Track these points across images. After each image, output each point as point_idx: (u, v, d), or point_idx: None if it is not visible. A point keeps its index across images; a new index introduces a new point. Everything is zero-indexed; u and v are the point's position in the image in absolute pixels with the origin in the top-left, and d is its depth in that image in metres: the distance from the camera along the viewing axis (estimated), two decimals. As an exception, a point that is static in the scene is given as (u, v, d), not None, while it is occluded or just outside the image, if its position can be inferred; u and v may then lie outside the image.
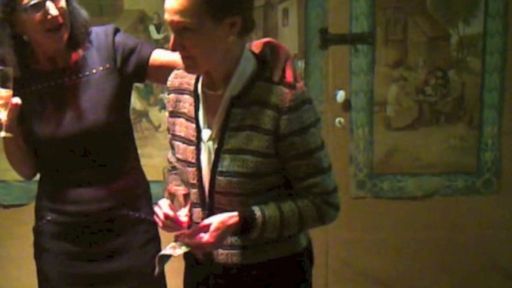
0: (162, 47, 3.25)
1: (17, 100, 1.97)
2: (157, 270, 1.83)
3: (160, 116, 3.36)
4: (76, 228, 2.18)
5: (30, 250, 2.33)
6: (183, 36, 1.70)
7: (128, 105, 2.21)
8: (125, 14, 3.35)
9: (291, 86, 1.77)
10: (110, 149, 2.16)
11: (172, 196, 1.79)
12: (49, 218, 2.20)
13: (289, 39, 3.33)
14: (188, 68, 1.78)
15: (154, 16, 3.36)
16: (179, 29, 1.70)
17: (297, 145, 1.78)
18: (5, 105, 1.96)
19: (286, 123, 1.75)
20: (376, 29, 3.35)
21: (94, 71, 2.11)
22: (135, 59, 2.14)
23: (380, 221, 3.52)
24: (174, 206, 1.79)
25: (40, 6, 1.98)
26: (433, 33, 3.38)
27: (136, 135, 2.38)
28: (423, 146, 3.46)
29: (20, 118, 2.04)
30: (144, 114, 3.41)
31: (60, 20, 2.01)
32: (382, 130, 3.45)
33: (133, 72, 2.15)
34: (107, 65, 2.11)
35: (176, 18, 1.68)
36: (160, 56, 2.15)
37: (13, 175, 2.39)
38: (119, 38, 2.15)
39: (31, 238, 2.31)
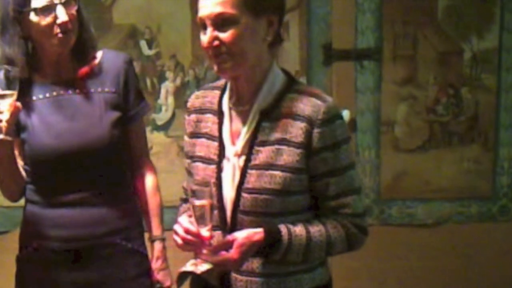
0: (153, 63, 3.29)
1: (18, 103, 1.99)
2: None
3: (152, 138, 3.28)
4: (65, 255, 2.15)
5: (13, 280, 2.29)
6: (222, 30, 1.72)
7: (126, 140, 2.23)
8: (114, 28, 3.31)
9: (324, 99, 1.78)
10: (110, 171, 2.16)
11: (195, 209, 1.76)
12: (35, 245, 2.18)
13: (290, 54, 3.30)
14: (222, 68, 1.76)
15: (146, 31, 3.34)
16: (219, 22, 1.72)
17: (328, 161, 1.77)
18: (9, 107, 1.96)
19: (318, 137, 1.75)
20: (383, 44, 3.33)
21: (99, 89, 2.14)
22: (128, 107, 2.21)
23: (388, 250, 3.45)
24: (196, 221, 1.76)
25: (51, 9, 2.03)
26: (444, 48, 3.35)
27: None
28: (434, 169, 3.42)
29: (16, 129, 2.06)
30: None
31: (69, 26, 2.05)
32: (390, 152, 3.41)
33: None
34: (114, 89, 2.16)
35: (218, 9, 1.71)
36: (138, 131, 2.25)
37: None
38: (132, 74, 2.21)
39: (14, 267, 2.27)
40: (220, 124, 1.86)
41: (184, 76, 3.36)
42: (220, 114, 1.87)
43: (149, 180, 2.26)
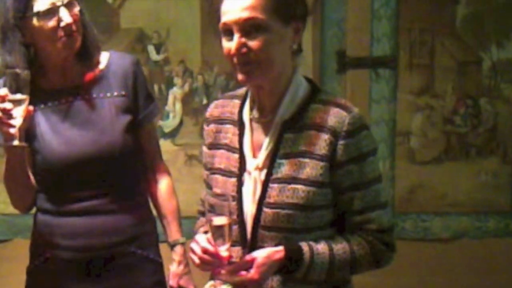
0: (161, 69, 3.33)
1: (31, 108, 1.97)
2: None
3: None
4: (78, 265, 2.13)
5: (14, 289, 2.27)
6: (250, 36, 1.69)
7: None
8: (122, 33, 3.33)
9: (349, 109, 1.75)
10: (123, 178, 2.14)
11: (213, 228, 1.73)
12: (47, 255, 2.15)
13: (302, 62, 3.16)
14: (248, 77, 1.73)
15: (154, 35, 3.34)
16: (247, 28, 1.69)
17: (353, 174, 1.75)
18: (21, 112, 1.95)
19: (343, 149, 1.72)
20: (400, 52, 3.33)
21: (108, 94, 2.12)
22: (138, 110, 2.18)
23: (402, 265, 3.17)
24: (214, 240, 1.74)
25: (54, 12, 2.00)
26: (463, 57, 3.35)
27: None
28: (451, 182, 3.42)
29: (26, 137, 2.03)
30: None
31: (74, 28, 2.03)
32: (405, 164, 3.40)
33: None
34: (123, 92, 2.13)
35: (246, 14, 1.68)
36: (149, 134, 2.22)
37: None
38: (140, 75, 2.19)
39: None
40: (241, 135, 1.84)
41: (193, 82, 3.37)
42: (240, 125, 1.85)
43: (164, 184, 2.23)
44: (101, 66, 2.15)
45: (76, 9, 2.05)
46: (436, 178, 3.40)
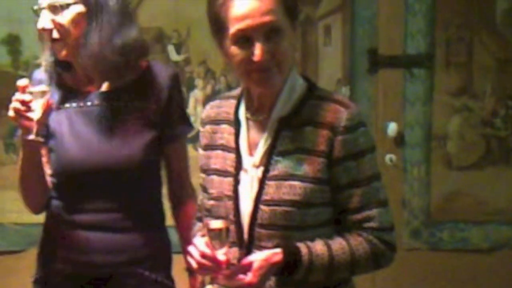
0: (182, 70, 3.27)
1: (51, 101, 2.00)
2: None
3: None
4: (82, 281, 2.10)
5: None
6: (271, 41, 1.72)
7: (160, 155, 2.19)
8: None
9: (347, 105, 1.79)
10: (138, 196, 2.12)
11: (210, 232, 1.76)
12: (53, 267, 2.14)
13: (331, 61, 3.29)
14: (270, 83, 1.77)
15: (174, 35, 3.31)
16: (267, 32, 1.71)
17: (352, 170, 1.77)
18: (41, 104, 1.96)
19: (341, 145, 1.75)
20: (436, 50, 3.30)
21: (138, 104, 2.11)
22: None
23: (438, 277, 3.35)
24: (212, 244, 1.76)
25: (37, 14, 2.02)
26: (503, 55, 3.31)
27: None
28: (491, 189, 3.36)
29: (45, 135, 2.07)
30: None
31: (55, 35, 2.00)
32: (441, 170, 3.35)
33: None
34: (154, 106, 2.11)
35: (267, 18, 1.70)
36: (178, 154, 2.19)
37: (9, 217, 2.51)
38: (176, 91, 2.15)
39: None
40: (237, 134, 1.87)
41: (215, 84, 3.34)
42: (236, 124, 1.88)
43: (188, 210, 2.20)
44: (137, 74, 2.11)
45: (63, 17, 2.00)
46: (474, 185, 3.36)
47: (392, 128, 3.26)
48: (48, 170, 2.15)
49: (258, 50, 1.71)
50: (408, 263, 3.24)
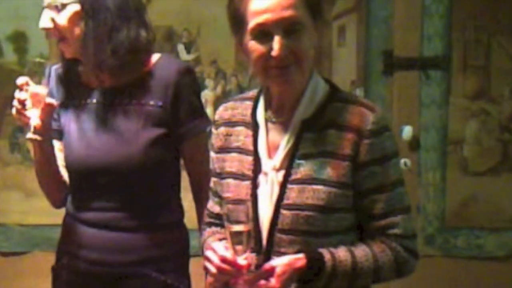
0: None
1: (51, 100, 2.00)
2: None
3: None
4: (93, 278, 2.12)
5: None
6: (292, 37, 1.71)
7: (174, 153, 2.17)
8: None
9: (373, 108, 1.78)
10: (144, 195, 2.11)
11: (232, 236, 1.74)
12: (64, 261, 2.17)
13: (345, 62, 3.30)
14: (288, 80, 1.75)
15: (184, 34, 3.30)
16: (288, 27, 1.70)
17: (377, 175, 1.76)
18: (37, 103, 1.98)
19: (367, 149, 1.75)
20: (452, 53, 3.29)
21: (143, 101, 2.09)
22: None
23: (452, 285, 3.34)
24: (233, 248, 1.74)
25: (41, 13, 2.04)
26: None
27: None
28: (507, 195, 3.35)
29: (60, 132, 2.12)
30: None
31: (57, 34, 2.03)
32: (457, 175, 3.35)
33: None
34: (160, 103, 2.08)
35: (288, 13, 1.69)
36: (193, 152, 2.16)
37: (13, 218, 2.40)
38: (185, 86, 2.11)
39: None
40: (255, 137, 1.86)
41: (226, 84, 3.33)
42: (254, 126, 1.87)
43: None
44: (145, 69, 2.10)
45: (61, 17, 2.01)
46: (491, 191, 3.35)
47: (407, 131, 3.26)
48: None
49: (277, 45, 1.70)
50: (422, 270, 3.11)
